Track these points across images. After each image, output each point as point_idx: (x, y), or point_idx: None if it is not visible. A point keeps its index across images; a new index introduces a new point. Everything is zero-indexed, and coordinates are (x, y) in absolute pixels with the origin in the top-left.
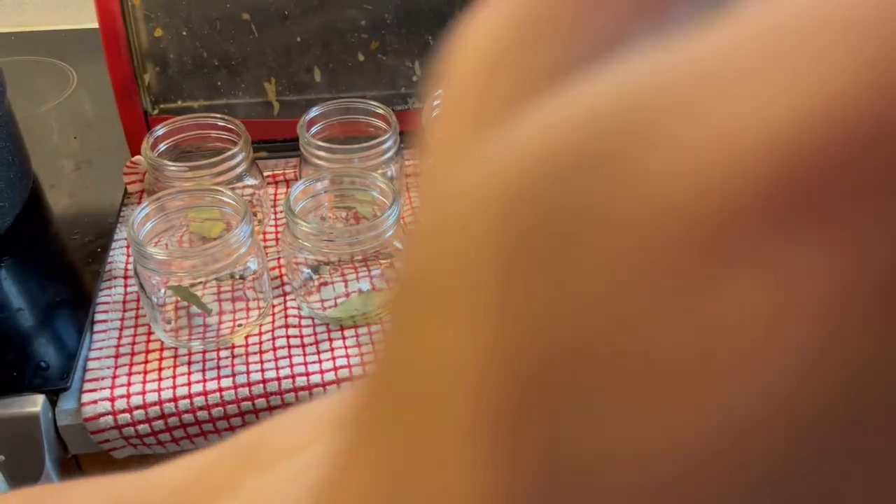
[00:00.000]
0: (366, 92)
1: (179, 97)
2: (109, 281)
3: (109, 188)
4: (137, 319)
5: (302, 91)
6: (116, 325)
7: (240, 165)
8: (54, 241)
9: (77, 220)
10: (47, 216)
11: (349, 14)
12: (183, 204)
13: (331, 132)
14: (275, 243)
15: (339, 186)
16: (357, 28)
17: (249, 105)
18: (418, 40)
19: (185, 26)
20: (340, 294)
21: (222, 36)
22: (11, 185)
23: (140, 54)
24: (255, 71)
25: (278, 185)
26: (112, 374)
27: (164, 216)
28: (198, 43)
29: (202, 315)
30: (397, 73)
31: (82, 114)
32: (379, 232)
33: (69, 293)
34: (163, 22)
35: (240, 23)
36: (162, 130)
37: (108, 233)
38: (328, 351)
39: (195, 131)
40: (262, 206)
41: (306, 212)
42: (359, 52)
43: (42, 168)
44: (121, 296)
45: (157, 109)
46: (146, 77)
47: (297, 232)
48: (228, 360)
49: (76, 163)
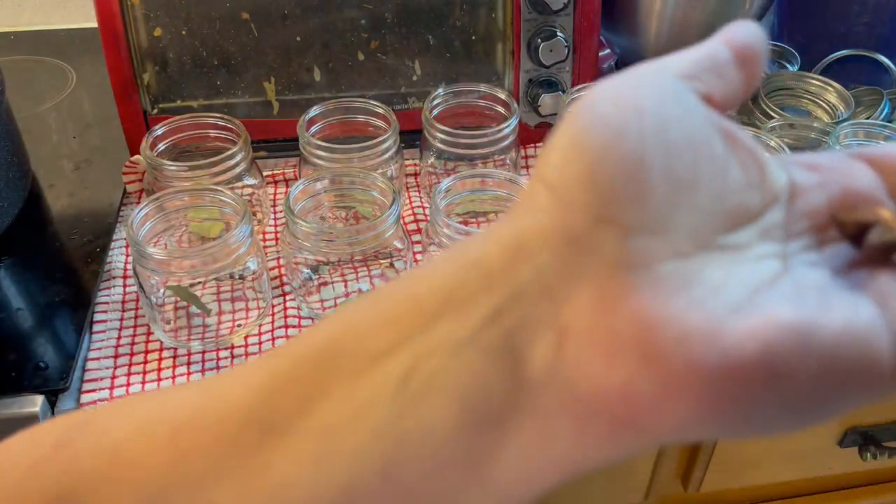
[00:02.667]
0: (366, 91)
1: (179, 97)
2: (108, 281)
3: (109, 188)
4: (137, 319)
5: (301, 90)
6: (116, 325)
7: (239, 165)
8: (53, 240)
9: (76, 219)
10: (46, 216)
11: (349, 13)
12: (182, 204)
13: (330, 132)
14: (274, 243)
15: (339, 186)
16: (357, 27)
17: (249, 104)
18: (418, 39)
19: (184, 26)
20: (340, 294)
21: (222, 35)
22: (10, 185)
23: (139, 54)
24: (254, 70)
25: (278, 184)
26: (111, 375)
27: (163, 216)
28: (197, 42)
29: (201, 315)
30: (397, 72)
31: (81, 113)
32: (379, 232)
33: (68, 293)
34: (162, 21)
35: (239, 22)
36: (161, 130)
37: (108, 232)
38: None
39: (194, 131)
40: (261, 205)
41: (306, 211)
42: (359, 51)
43: (41, 168)
44: (120, 296)
45: (157, 109)
46: (145, 76)
47: (296, 232)
48: (228, 360)
49: (75, 162)
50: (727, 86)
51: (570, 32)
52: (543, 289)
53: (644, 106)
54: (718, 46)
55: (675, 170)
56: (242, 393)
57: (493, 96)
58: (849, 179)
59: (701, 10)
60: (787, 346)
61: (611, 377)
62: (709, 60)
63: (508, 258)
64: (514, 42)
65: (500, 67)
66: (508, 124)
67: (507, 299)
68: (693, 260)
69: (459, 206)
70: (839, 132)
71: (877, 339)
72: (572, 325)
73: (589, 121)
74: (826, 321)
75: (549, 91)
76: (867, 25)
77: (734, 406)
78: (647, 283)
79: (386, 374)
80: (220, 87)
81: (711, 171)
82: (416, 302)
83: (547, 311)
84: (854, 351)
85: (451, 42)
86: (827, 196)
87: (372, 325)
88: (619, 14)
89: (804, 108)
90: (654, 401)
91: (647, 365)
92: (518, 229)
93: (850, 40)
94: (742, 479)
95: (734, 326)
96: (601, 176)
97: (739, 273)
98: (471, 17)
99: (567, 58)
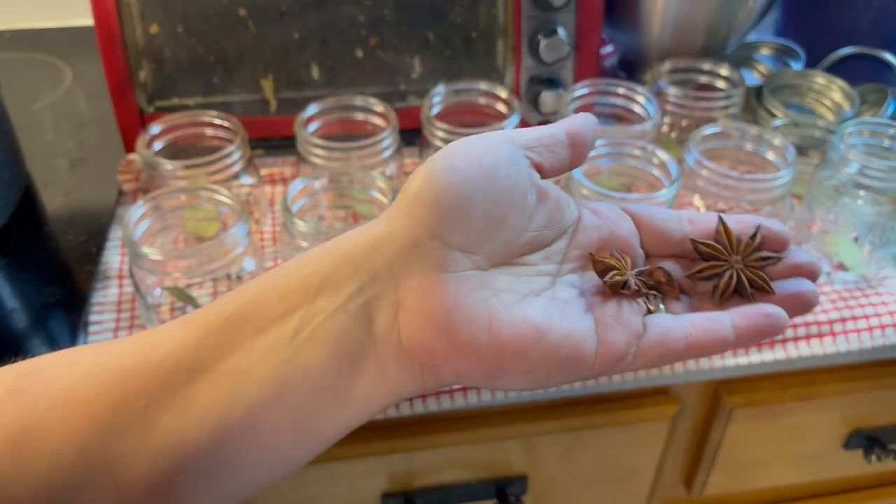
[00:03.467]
0: (364, 89)
1: (175, 94)
2: (104, 281)
3: (104, 187)
4: (132, 320)
5: (299, 88)
6: (111, 327)
7: (236, 164)
8: (48, 240)
9: (71, 219)
10: (41, 215)
11: (347, 10)
12: (178, 203)
13: (329, 130)
14: (272, 243)
15: (338, 185)
16: (355, 24)
17: (246, 102)
18: (417, 37)
19: (180, 23)
20: None
21: (218, 33)
22: (4, 184)
23: (135, 51)
24: (251, 68)
25: (275, 183)
26: None
27: (159, 215)
28: (194, 40)
29: None
30: (396, 69)
31: (77, 112)
32: None
33: (63, 294)
34: (158, 19)
35: (236, 19)
36: (157, 128)
37: (103, 232)
38: None
39: (191, 129)
40: (258, 205)
41: (304, 211)
42: (357, 48)
43: (36, 166)
44: (115, 296)
45: (153, 107)
46: (141, 74)
47: (294, 231)
48: None
49: (70, 161)
50: (556, 159)
51: (571, 29)
52: (390, 275)
53: (484, 162)
54: (558, 129)
55: (492, 211)
56: (172, 347)
57: (494, 94)
58: (616, 227)
59: (703, 6)
60: (529, 336)
61: (421, 337)
62: (547, 139)
63: (369, 252)
64: (515, 39)
65: (501, 65)
66: (509, 122)
67: (366, 282)
68: (489, 272)
69: None
70: (844, 130)
71: (587, 345)
72: (404, 301)
73: (443, 165)
74: (558, 325)
75: (550, 89)
76: (872, 23)
77: (493, 367)
78: (453, 282)
79: (282, 331)
80: (216, 85)
81: (519, 215)
82: (304, 282)
83: (391, 290)
84: (570, 349)
85: (451, 39)
86: (598, 235)
87: (272, 297)
88: (621, 11)
89: (808, 107)
90: (445, 356)
91: (444, 333)
92: (379, 230)
93: (855, 38)
94: (746, 481)
95: (501, 318)
96: (441, 205)
97: (518, 284)
98: (471, 14)
99: (568, 55)
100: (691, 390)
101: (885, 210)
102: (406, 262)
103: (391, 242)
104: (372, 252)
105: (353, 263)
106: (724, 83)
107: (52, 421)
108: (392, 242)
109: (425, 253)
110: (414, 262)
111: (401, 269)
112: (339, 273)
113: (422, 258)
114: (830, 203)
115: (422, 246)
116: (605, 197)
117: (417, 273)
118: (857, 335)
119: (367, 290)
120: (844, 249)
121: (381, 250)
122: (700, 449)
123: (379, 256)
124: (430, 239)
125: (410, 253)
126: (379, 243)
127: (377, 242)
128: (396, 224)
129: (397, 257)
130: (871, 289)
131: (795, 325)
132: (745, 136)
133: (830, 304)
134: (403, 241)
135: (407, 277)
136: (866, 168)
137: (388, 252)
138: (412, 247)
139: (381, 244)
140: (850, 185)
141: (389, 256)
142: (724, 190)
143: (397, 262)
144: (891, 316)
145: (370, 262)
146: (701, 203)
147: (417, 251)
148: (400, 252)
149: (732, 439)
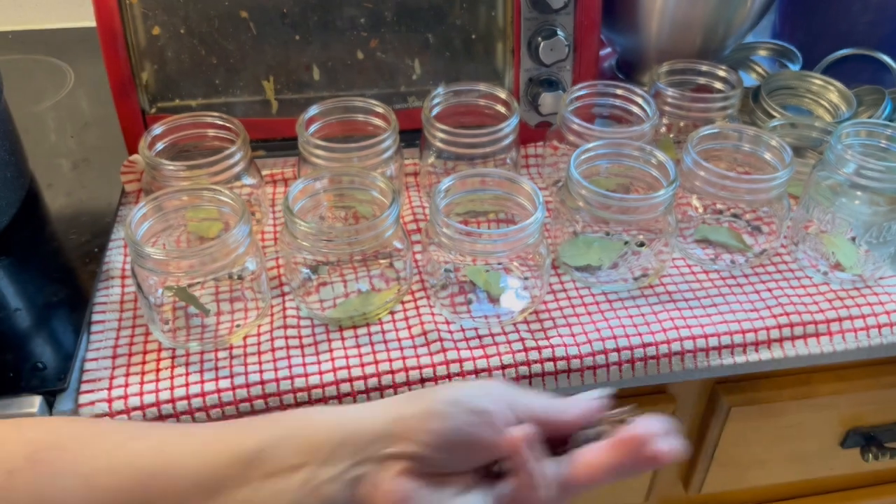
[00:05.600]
0: (365, 90)
1: (177, 95)
2: (107, 281)
3: (107, 187)
4: (135, 320)
5: (300, 89)
6: (114, 326)
7: (238, 164)
8: (51, 240)
9: (74, 219)
10: (44, 215)
11: (348, 12)
12: (180, 203)
13: (330, 131)
14: (273, 243)
15: (338, 186)
16: (356, 26)
17: (248, 104)
18: (418, 38)
19: (183, 24)
20: (339, 294)
21: (220, 34)
22: (8, 185)
23: (138, 52)
24: (253, 69)
25: (277, 184)
26: (109, 375)
27: (161, 216)
28: (196, 41)
29: (200, 315)
30: (397, 71)
31: (80, 112)
32: (378, 232)
33: (66, 293)
34: (161, 20)
35: (238, 21)
36: (159, 129)
37: (106, 232)
38: (327, 352)
39: (193, 130)
40: (260, 205)
41: (305, 211)
42: (358, 50)
43: (39, 167)
44: (118, 296)
45: (155, 108)
46: (144, 75)
47: (295, 232)
48: (227, 361)
49: (73, 162)
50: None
51: (570, 31)
52: (376, 460)
53: (476, 409)
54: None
55: (465, 450)
56: (195, 466)
57: (493, 95)
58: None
59: (702, 8)
60: None
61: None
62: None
63: (370, 440)
64: (515, 41)
65: (501, 66)
66: (508, 123)
67: (356, 462)
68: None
69: (459, 205)
70: (841, 131)
71: None
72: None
73: (445, 405)
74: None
75: (549, 90)
76: (869, 24)
77: None
78: (411, 485)
79: (291, 481)
80: (218, 86)
81: (486, 456)
82: (317, 446)
83: (374, 474)
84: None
85: (451, 41)
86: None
87: (289, 449)
88: (620, 12)
89: (806, 108)
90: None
91: None
92: (384, 424)
93: (852, 39)
94: (743, 480)
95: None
96: (431, 432)
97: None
98: (471, 16)
99: (567, 57)
100: (689, 389)
101: (881, 210)
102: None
103: (385, 441)
104: (372, 441)
105: (356, 444)
106: (721, 84)
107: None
108: (385, 442)
109: (401, 458)
110: (391, 460)
111: (380, 460)
112: (344, 448)
113: (395, 463)
114: (827, 203)
115: (404, 453)
116: (605, 197)
117: (385, 469)
118: (853, 335)
119: (355, 469)
120: (841, 249)
121: (381, 441)
122: (697, 447)
123: (374, 444)
124: (414, 451)
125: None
126: (384, 434)
127: (383, 433)
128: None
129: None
130: (868, 288)
131: (793, 324)
132: (742, 137)
133: (827, 304)
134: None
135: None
136: (863, 168)
137: (380, 447)
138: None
139: (379, 440)
140: (847, 185)
141: (381, 452)
142: (722, 190)
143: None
144: (887, 315)
145: (369, 450)
146: (699, 203)
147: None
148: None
149: (730, 438)
